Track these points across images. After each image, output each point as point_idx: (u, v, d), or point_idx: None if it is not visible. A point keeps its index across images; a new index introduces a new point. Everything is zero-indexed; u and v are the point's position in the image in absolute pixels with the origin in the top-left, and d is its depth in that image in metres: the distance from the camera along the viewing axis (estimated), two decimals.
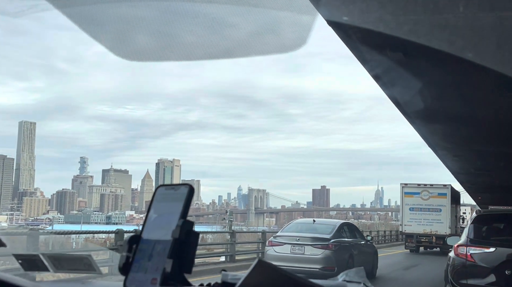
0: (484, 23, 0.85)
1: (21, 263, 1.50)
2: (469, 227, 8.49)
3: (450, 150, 13.39)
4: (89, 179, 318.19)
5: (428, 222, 27.37)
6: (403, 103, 10.17)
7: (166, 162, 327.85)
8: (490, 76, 4.90)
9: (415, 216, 27.58)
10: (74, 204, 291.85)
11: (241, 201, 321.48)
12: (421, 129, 12.97)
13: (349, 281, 1.36)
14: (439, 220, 27.19)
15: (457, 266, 8.07)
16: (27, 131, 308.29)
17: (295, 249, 13.29)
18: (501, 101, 7.98)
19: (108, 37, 1.86)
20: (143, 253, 1.26)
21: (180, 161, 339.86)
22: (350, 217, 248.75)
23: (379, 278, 14.47)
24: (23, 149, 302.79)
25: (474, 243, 8.07)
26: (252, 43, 1.94)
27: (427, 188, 27.91)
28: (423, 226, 27.31)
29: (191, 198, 1.28)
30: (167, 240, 1.23)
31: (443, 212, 27.23)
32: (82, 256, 1.48)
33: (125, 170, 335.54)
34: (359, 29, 2.63)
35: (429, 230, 27.14)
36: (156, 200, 1.32)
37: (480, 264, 7.90)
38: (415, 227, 27.35)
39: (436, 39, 0.93)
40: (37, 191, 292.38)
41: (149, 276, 1.22)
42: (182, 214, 1.25)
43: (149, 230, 1.28)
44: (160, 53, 2.00)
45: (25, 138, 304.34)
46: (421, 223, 27.39)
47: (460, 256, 8.02)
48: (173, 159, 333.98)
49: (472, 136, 12.74)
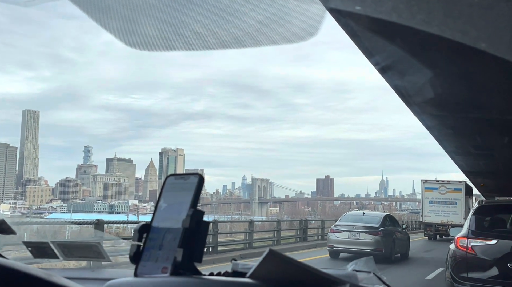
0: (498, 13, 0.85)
1: (30, 251, 1.52)
2: (471, 218, 8.26)
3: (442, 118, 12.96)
4: (93, 168, 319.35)
5: (445, 214, 31.71)
6: (409, 94, 10.14)
7: (170, 151, 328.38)
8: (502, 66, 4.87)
9: (433, 208, 32.07)
10: (77, 193, 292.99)
11: (245, 190, 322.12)
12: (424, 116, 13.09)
13: (358, 270, 1.36)
14: (455, 212, 31.38)
15: (458, 258, 7.91)
16: (30, 119, 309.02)
17: (352, 235, 17.44)
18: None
19: (115, 26, 1.85)
20: (154, 242, 1.26)
21: (183, 150, 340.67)
22: (354, 206, 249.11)
23: (409, 257, 19.25)
24: (27, 138, 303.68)
25: (476, 235, 7.85)
26: (260, 33, 1.93)
27: (444, 183, 32.64)
28: (440, 217, 31.69)
29: (201, 187, 1.28)
30: (177, 229, 1.23)
31: (458, 205, 31.60)
32: (91, 244, 1.49)
33: (129, 159, 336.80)
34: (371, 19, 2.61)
35: (446, 221, 31.14)
36: (165, 190, 1.32)
37: (481, 256, 7.70)
38: (433, 218, 31.74)
39: (449, 29, 0.92)
40: (41, 180, 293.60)
41: (159, 265, 1.22)
42: (192, 203, 1.25)
43: (159, 220, 1.29)
44: (167, 42, 1.99)
45: (28, 126, 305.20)
46: (439, 214, 31.80)
47: (460, 248, 7.85)
48: (177, 148, 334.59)
49: (481, 126, 12.74)
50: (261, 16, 1.85)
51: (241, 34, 1.98)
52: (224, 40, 2.00)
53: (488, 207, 8.84)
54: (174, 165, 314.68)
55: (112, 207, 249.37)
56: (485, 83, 7.80)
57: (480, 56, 4.68)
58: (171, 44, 1.93)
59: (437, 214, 31.90)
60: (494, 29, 0.84)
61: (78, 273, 1.56)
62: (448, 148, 16.56)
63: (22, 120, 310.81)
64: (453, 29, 0.85)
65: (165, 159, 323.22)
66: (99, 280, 1.29)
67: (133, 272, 1.24)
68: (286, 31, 1.90)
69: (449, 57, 5.67)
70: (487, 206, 8.86)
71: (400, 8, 0.85)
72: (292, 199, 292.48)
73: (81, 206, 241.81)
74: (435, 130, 13.53)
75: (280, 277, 1.15)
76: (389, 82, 10.99)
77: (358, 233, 17.48)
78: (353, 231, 17.53)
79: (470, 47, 0.87)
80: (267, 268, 1.15)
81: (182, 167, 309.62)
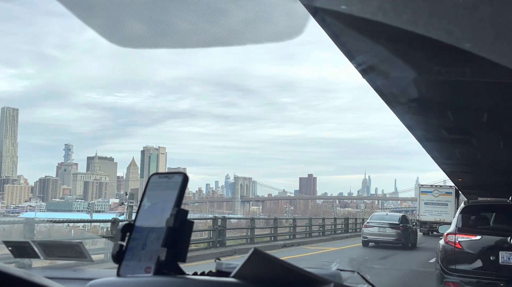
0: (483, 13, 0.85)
1: (11, 250, 1.49)
2: (458, 216, 9.13)
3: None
4: (73, 166, 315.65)
5: (438, 213, 37.57)
6: (391, 93, 10.23)
7: (152, 149, 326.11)
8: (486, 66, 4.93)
9: (428, 208, 37.96)
10: (57, 191, 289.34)
11: (229, 189, 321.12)
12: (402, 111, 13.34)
13: (342, 270, 1.37)
14: (446, 212, 37.16)
15: (447, 252, 8.71)
16: (9, 117, 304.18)
17: (380, 229, 24.52)
18: (495, 89, 8.06)
19: (100, 23, 1.83)
20: (137, 242, 1.25)
21: (166, 148, 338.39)
22: (337, 205, 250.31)
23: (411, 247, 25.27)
24: (5, 136, 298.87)
25: (462, 231, 8.68)
26: (245, 31, 1.93)
27: (437, 188, 39.06)
28: (434, 216, 37.51)
29: (186, 186, 1.27)
30: (161, 228, 1.22)
31: (449, 205, 37.56)
32: (73, 243, 1.47)
33: (110, 157, 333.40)
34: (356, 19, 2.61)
35: (439, 219, 36.48)
36: (149, 189, 1.31)
37: (468, 250, 8.50)
38: (428, 217, 37.58)
39: (435, 29, 0.93)
40: (20, 179, 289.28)
41: (143, 264, 1.21)
42: (177, 202, 1.24)
43: (143, 219, 1.27)
44: (152, 40, 1.97)
45: (7, 124, 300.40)
46: (433, 214, 37.63)
47: (449, 243, 8.68)
48: (159, 146, 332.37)
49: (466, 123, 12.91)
50: (246, 14, 1.85)
51: (226, 32, 1.97)
52: (209, 38, 1.99)
53: (473, 207, 9.65)
54: (156, 163, 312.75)
55: (92, 206, 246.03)
56: (468, 82, 7.96)
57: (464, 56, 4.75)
58: (156, 42, 1.92)
59: (431, 214, 37.63)
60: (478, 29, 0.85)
61: (59, 273, 1.54)
62: (418, 133, 16.59)
63: (1, 117, 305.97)
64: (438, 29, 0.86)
65: (146, 158, 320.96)
66: (81, 280, 1.28)
67: (116, 271, 1.22)
68: (271, 29, 1.90)
69: (433, 57, 5.74)
70: (472, 206, 9.66)
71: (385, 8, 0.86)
72: (274, 197, 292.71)
73: (60, 205, 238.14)
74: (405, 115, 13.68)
75: (265, 276, 1.15)
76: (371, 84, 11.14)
77: (384, 228, 24.55)
78: (381, 227, 24.58)
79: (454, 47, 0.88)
80: (252, 268, 1.15)
81: (164, 166, 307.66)
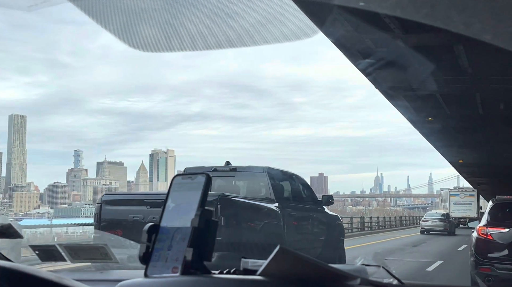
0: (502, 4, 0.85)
1: (38, 254, 1.51)
2: (488, 212, 10.65)
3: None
4: (83, 172, 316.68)
5: (464, 210, 50.18)
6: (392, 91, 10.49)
7: (160, 152, 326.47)
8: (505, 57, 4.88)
9: (456, 207, 50.67)
10: (66, 197, 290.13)
11: None
12: None
13: (367, 265, 1.38)
14: (470, 209, 50.35)
15: (480, 243, 10.06)
16: (17, 124, 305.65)
17: (433, 222, 35.95)
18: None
19: (112, 29, 1.86)
20: (163, 243, 1.27)
21: (174, 151, 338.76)
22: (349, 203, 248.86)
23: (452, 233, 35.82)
24: (14, 143, 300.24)
25: (493, 225, 10.11)
26: (257, 32, 1.94)
27: (463, 191, 52.45)
28: (461, 212, 49.82)
29: (209, 186, 1.29)
30: (187, 229, 1.24)
31: (472, 204, 51.01)
32: (98, 245, 1.49)
33: (119, 162, 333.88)
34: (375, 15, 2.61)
35: (465, 215, 48.63)
36: (173, 190, 1.33)
37: (498, 241, 9.88)
38: (456, 213, 49.24)
39: (454, 22, 0.92)
40: (30, 186, 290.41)
41: (169, 264, 1.23)
42: (201, 203, 1.26)
43: (168, 220, 1.29)
44: (165, 44, 2.00)
45: (15, 132, 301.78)
46: (460, 211, 50.11)
47: (482, 235, 10.07)
48: (167, 149, 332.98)
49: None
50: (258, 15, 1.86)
51: (238, 34, 1.99)
52: (221, 40, 2.00)
53: (501, 204, 11.23)
54: (164, 167, 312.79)
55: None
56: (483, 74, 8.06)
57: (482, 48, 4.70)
58: (169, 46, 1.94)
59: (458, 211, 49.96)
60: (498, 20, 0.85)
61: (87, 275, 1.56)
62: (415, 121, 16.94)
63: (9, 125, 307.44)
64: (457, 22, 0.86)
65: (155, 161, 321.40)
66: (110, 282, 1.29)
67: (143, 272, 1.24)
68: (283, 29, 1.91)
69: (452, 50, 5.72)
70: (500, 203, 11.22)
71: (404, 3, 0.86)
72: None
73: (68, 211, 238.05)
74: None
75: (291, 273, 1.16)
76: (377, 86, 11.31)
77: (436, 221, 36.17)
78: (433, 220, 36.20)
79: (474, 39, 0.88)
80: (277, 265, 1.16)
81: (173, 169, 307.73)
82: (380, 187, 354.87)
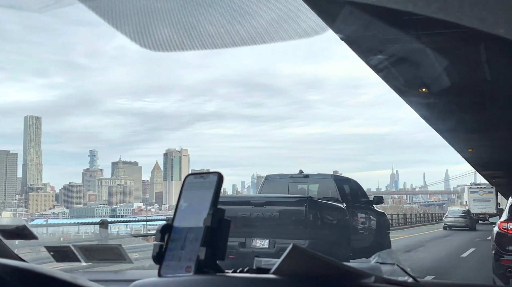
0: None
1: (52, 255, 1.53)
2: (509, 208, 10.99)
3: None
4: (98, 172, 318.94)
5: (483, 207, 52.17)
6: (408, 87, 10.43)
7: (174, 152, 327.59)
8: None
9: (476, 203, 52.60)
10: (81, 198, 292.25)
11: (255, 189, 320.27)
12: None
13: (382, 263, 1.37)
14: (489, 205, 52.21)
15: (501, 237, 10.50)
16: (32, 125, 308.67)
17: (455, 219, 38.05)
18: None
19: (128, 30, 1.87)
20: (176, 242, 1.27)
21: (188, 150, 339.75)
22: None
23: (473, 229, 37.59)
24: (29, 144, 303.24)
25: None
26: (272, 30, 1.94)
27: (482, 188, 54.40)
28: (480, 209, 51.59)
29: (221, 185, 1.29)
30: (199, 228, 1.24)
31: (491, 201, 53.23)
32: (112, 246, 1.50)
33: (134, 162, 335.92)
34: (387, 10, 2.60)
35: (484, 211, 50.59)
36: (185, 189, 1.32)
37: None
38: (476, 209, 50.57)
39: (467, 17, 0.90)
40: (47, 186, 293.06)
41: (183, 264, 1.23)
42: (213, 202, 1.25)
43: (181, 219, 1.29)
44: (180, 44, 2.00)
45: (30, 133, 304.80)
46: (479, 207, 51.86)
47: (503, 229, 10.53)
48: (181, 148, 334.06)
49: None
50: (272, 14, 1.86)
51: (253, 32, 1.99)
52: (236, 39, 2.00)
53: None
54: (179, 166, 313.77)
55: (114, 210, 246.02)
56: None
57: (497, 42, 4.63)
58: (184, 46, 1.94)
59: (478, 207, 51.67)
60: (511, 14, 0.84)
61: (102, 275, 1.57)
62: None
63: (24, 126, 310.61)
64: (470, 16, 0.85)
65: (169, 160, 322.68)
66: (124, 282, 1.30)
67: (157, 272, 1.25)
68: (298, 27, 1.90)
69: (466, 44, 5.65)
70: None
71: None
72: None
73: (83, 211, 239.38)
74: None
75: (305, 272, 1.16)
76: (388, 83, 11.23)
77: (458, 217, 38.14)
78: (456, 217, 38.19)
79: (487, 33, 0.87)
80: (291, 264, 1.16)
81: (187, 168, 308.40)
82: (396, 184, 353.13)
